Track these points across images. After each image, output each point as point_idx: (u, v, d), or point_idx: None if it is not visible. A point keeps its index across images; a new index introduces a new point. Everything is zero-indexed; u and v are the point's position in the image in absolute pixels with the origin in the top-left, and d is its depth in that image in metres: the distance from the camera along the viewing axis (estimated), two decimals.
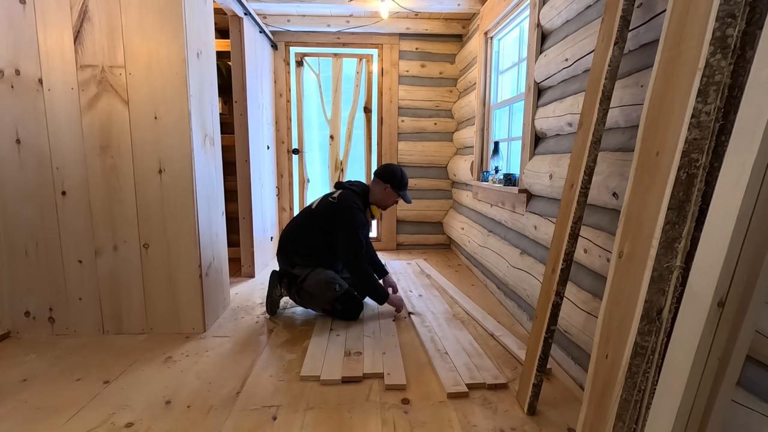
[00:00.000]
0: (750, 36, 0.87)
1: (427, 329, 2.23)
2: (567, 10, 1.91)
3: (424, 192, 4.29)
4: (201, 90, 2.18)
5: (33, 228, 2.08)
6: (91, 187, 2.07)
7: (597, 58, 1.42)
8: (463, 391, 1.63)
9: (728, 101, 0.89)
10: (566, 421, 1.49)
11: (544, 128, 2.16)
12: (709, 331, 0.81)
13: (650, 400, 0.95)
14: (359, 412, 1.53)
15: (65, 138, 2.03)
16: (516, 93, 2.81)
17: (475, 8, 3.43)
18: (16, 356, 1.94)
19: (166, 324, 2.18)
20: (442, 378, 1.72)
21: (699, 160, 0.91)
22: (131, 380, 1.74)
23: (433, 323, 2.31)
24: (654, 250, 0.97)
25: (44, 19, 1.95)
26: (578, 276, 1.73)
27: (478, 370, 1.77)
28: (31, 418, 1.48)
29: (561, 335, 1.84)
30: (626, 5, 1.29)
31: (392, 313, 2.46)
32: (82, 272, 2.12)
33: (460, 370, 1.78)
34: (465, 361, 1.85)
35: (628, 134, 1.47)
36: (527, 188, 2.32)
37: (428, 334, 2.17)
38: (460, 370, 1.77)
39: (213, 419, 1.49)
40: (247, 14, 3.05)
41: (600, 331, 1.16)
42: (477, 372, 1.76)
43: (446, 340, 2.07)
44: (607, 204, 1.54)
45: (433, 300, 2.70)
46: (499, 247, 2.74)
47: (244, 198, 3.17)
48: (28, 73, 1.99)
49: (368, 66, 4.13)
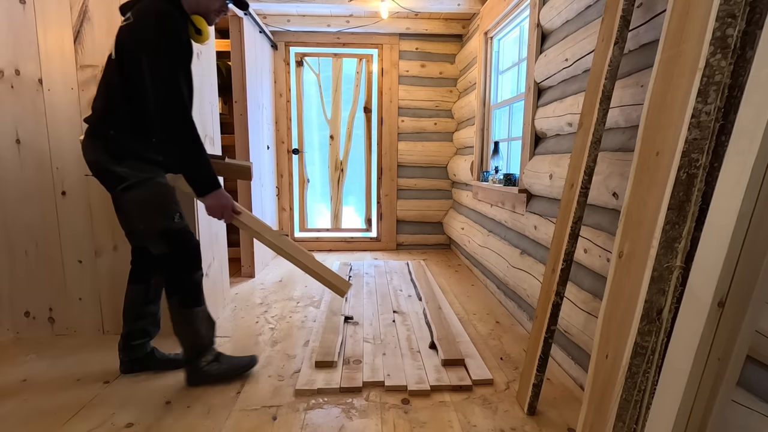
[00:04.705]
0: (750, 36, 0.87)
1: (406, 328, 2.27)
2: (567, 10, 1.91)
3: (424, 192, 4.29)
4: (201, 90, 2.18)
5: (33, 228, 2.07)
6: (91, 187, 2.07)
7: (597, 58, 1.42)
8: (426, 389, 1.66)
9: (728, 101, 0.89)
10: (566, 421, 1.49)
11: (544, 128, 2.16)
12: (709, 331, 0.81)
13: (650, 400, 0.95)
14: (359, 412, 1.53)
15: (65, 138, 2.03)
16: (516, 93, 2.81)
17: (475, 8, 3.43)
18: (16, 356, 1.94)
19: (166, 324, 2.17)
20: (408, 376, 1.76)
21: (699, 160, 0.92)
22: (131, 380, 1.74)
23: (414, 323, 2.33)
24: (654, 250, 0.97)
25: (44, 19, 1.95)
26: (578, 276, 1.73)
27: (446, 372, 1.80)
28: (31, 418, 1.48)
29: (561, 335, 1.84)
30: (626, 5, 1.29)
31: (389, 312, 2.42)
32: (82, 272, 2.12)
33: (428, 370, 1.81)
34: (435, 363, 1.87)
35: (628, 134, 1.47)
36: (527, 188, 2.32)
37: (406, 332, 2.21)
38: (427, 370, 1.81)
39: (213, 419, 1.49)
40: (247, 14, 3.05)
41: (600, 331, 1.16)
42: (444, 374, 1.78)
43: (422, 341, 2.11)
44: (607, 204, 1.54)
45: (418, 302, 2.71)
46: (499, 247, 2.74)
47: (244, 198, 3.17)
48: (28, 73, 1.99)
49: (368, 66, 4.13)
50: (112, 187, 1.58)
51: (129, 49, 1.47)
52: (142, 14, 1.45)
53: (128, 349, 1.77)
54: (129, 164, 1.54)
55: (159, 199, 1.58)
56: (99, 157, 1.54)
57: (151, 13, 1.43)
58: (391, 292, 2.88)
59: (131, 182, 1.53)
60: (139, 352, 1.78)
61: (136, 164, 1.55)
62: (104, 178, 1.58)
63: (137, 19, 1.46)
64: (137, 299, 1.77)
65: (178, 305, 1.65)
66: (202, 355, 1.70)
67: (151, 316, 1.80)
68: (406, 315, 2.46)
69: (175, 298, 1.64)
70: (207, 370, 1.70)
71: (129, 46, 1.46)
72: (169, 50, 1.43)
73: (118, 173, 1.53)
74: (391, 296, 2.80)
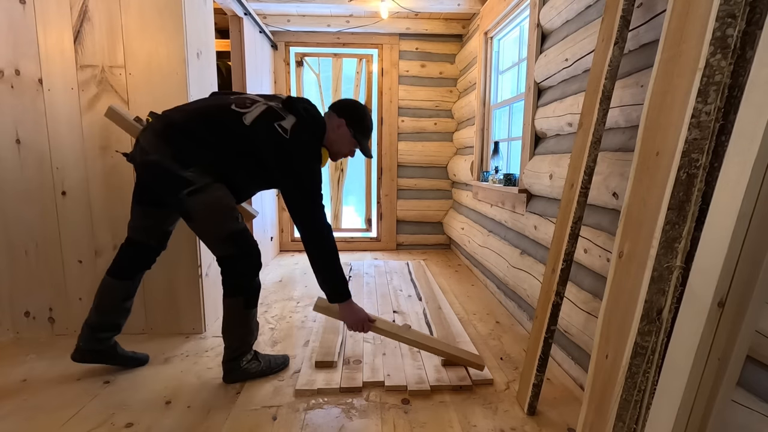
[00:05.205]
0: (750, 36, 0.87)
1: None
2: (567, 10, 1.91)
3: (424, 192, 4.29)
4: (201, 90, 2.18)
5: (33, 228, 2.07)
6: (91, 187, 2.07)
7: (597, 58, 1.42)
8: (426, 389, 1.66)
9: (728, 101, 0.89)
10: (566, 421, 1.49)
11: (544, 128, 2.16)
12: (709, 331, 0.81)
13: (650, 400, 0.95)
14: (359, 412, 1.53)
15: (65, 138, 2.03)
16: (516, 93, 2.81)
17: (475, 8, 3.43)
18: (16, 356, 1.93)
19: (166, 324, 2.18)
20: (408, 376, 1.75)
21: (699, 160, 0.91)
22: (131, 380, 1.74)
23: (414, 323, 2.33)
24: (654, 250, 0.97)
25: (44, 19, 1.95)
26: (578, 276, 1.73)
27: (446, 372, 1.79)
28: (31, 418, 1.48)
29: (561, 335, 1.84)
30: (626, 5, 1.29)
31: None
32: (82, 272, 2.12)
33: (428, 370, 1.81)
34: (435, 363, 1.87)
35: (628, 134, 1.47)
36: (527, 188, 2.32)
37: None
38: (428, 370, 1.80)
39: (213, 419, 1.49)
40: (247, 14, 3.05)
41: (600, 331, 1.16)
42: (444, 374, 1.77)
43: None
44: (607, 204, 1.54)
45: (419, 302, 2.71)
46: (499, 247, 2.74)
47: None
48: (28, 73, 1.99)
49: (368, 66, 4.12)
50: (174, 190, 1.56)
51: (266, 149, 1.60)
52: (297, 141, 1.60)
53: (92, 339, 1.73)
54: (194, 170, 1.57)
55: (225, 201, 1.62)
56: (166, 162, 1.55)
57: (304, 143, 1.62)
58: (391, 292, 2.88)
59: (197, 186, 1.56)
60: (103, 345, 1.75)
61: (201, 169, 1.58)
62: (164, 179, 1.57)
63: (291, 142, 1.59)
64: (119, 294, 1.74)
65: (242, 306, 1.67)
66: (244, 354, 1.73)
67: (126, 311, 1.78)
68: (406, 315, 2.46)
69: (241, 299, 1.66)
70: (246, 369, 1.73)
71: (269, 148, 1.60)
72: (311, 183, 1.62)
73: (185, 177, 1.55)
74: (391, 296, 2.80)
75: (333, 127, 1.74)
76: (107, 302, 1.73)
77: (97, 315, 1.72)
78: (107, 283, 1.73)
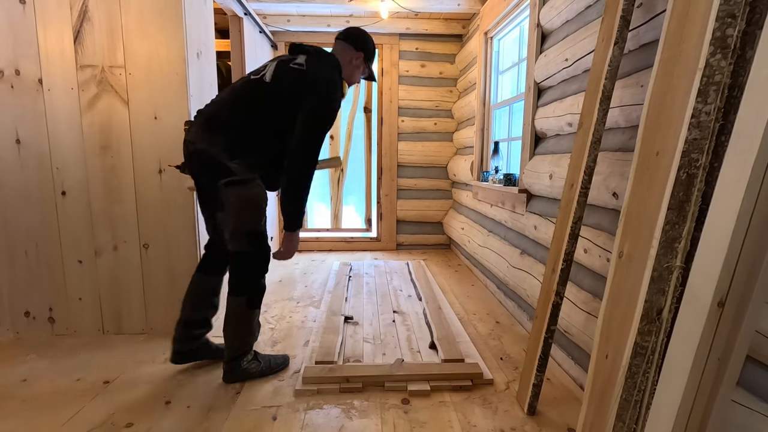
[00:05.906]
0: (750, 36, 0.87)
1: (406, 328, 2.27)
2: (567, 10, 1.91)
3: (424, 192, 4.29)
4: (201, 90, 2.18)
5: (33, 228, 2.07)
6: (91, 187, 2.07)
7: (597, 58, 1.42)
8: (426, 389, 1.66)
9: (728, 101, 0.89)
10: (566, 421, 1.49)
11: (544, 128, 2.16)
12: (709, 331, 0.81)
13: (650, 400, 0.95)
14: (359, 412, 1.53)
15: (65, 138, 2.03)
16: (516, 93, 2.81)
17: (475, 8, 3.43)
18: (16, 356, 1.94)
19: (166, 324, 2.17)
20: None
21: (699, 160, 0.91)
22: (131, 380, 1.74)
23: (414, 323, 2.34)
24: (654, 250, 0.97)
25: (44, 19, 1.95)
26: (578, 276, 1.73)
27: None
28: (31, 418, 1.48)
29: (561, 335, 1.84)
30: (626, 5, 1.29)
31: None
32: (82, 272, 2.12)
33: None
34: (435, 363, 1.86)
35: (628, 134, 1.47)
36: (527, 188, 2.32)
37: (406, 332, 2.21)
38: None
39: (213, 419, 1.49)
40: (247, 14, 3.05)
41: (600, 331, 1.16)
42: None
43: (422, 341, 2.10)
44: (607, 204, 1.54)
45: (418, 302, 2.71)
46: (499, 247, 2.74)
47: None
48: (28, 73, 1.99)
49: None
50: (216, 177, 1.60)
51: (293, 92, 1.62)
52: (316, 70, 1.65)
53: (189, 338, 1.79)
54: (240, 161, 1.60)
55: (259, 200, 1.66)
56: (214, 149, 1.59)
57: (323, 77, 1.64)
58: (391, 292, 2.88)
59: (238, 178, 1.59)
60: (197, 342, 1.81)
61: (246, 163, 1.61)
62: (209, 166, 1.61)
63: (310, 72, 1.64)
64: (209, 289, 1.81)
65: (244, 304, 1.69)
66: (245, 355, 1.74)
67: (214, 308, 1.84)
68: (406, 315, 2.46)
69: (244, 298, 1.68)
70: (247, 369, 1.74)
71: (294, 89, 1.63)
72: (328, 117, 1.64)
73: (229, 167, 1.58)
74: (391, 296, 2.80)
75: (349, 60, 1.79)
76: (199, 298, 1.80)
77: (189, 312, 1.78)
78: (196, 278, 1.81)
